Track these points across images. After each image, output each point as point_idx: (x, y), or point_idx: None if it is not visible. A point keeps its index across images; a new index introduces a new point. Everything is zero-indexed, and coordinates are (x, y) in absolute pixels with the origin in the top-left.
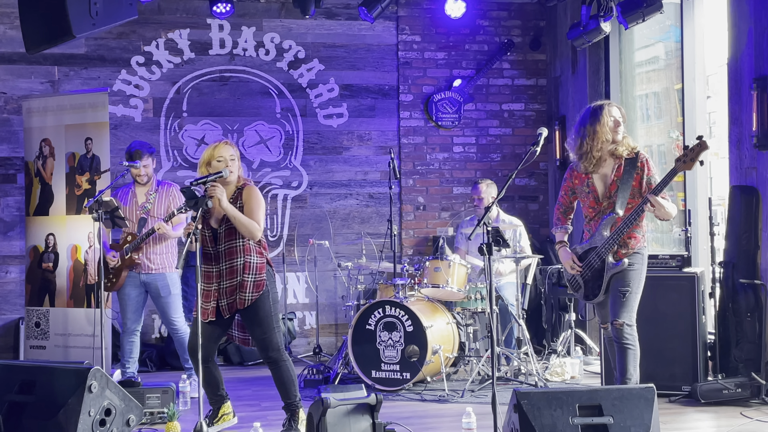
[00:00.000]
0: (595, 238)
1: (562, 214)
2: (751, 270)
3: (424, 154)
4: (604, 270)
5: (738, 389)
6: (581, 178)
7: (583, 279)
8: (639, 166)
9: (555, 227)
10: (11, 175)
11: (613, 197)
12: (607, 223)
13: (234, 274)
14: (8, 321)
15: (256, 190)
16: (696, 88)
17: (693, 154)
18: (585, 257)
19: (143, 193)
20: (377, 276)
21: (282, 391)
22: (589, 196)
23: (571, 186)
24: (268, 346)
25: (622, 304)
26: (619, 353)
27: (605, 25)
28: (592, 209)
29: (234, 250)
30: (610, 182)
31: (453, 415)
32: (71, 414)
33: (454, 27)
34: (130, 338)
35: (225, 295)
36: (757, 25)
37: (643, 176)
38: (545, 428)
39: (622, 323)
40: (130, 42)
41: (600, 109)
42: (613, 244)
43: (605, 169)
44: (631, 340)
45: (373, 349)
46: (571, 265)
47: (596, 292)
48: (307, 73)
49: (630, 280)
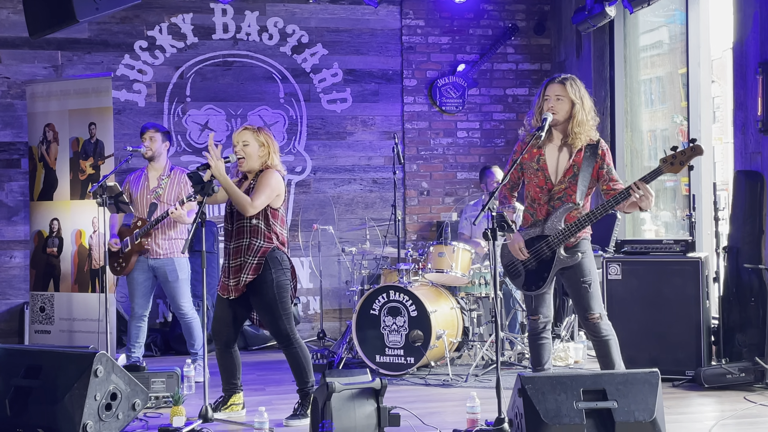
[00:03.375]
0: (546, 226)
1: (509, 191)
2: (756, 255)
3: (428, 139)
4: (552, 261)
5: (741, 374)
6: (532, 153)
7: (525, 268)
8: (600, 154)
9: (502, 205)
10: (15, 160)
11: (568, 183)
12: (563, 213)
13: (239, 253)
14: (13, 306)
15: (271, 175)
16: (701, 73)
17: (683, 158)
18: (531, 245)
19: (155, 177)
20: (381, 261)
21: (295, 375)
22: (538, 174)
23: (520, 160)
24: (276, 332)
25: (591, 296)
26: (602, 347)
27: (610, 9)
28: (540, 190)
29: (242, 230)
30: (568, 167)
31: (457, 400)
32: (77, 398)
33: (458, 11)
34: (137, 323)
35: (231, 274)
36: (762, 9)
37: (603, 165)
38: (549, 412)
39: (598, 315)
40: (133, 27)
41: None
42: (570, 236)
43: (560, 150)
44: (609, 330)
45: (377, 334)
46: (519, 249)
47: (539, 284)
48: (311, 58)
49: (589, 269)
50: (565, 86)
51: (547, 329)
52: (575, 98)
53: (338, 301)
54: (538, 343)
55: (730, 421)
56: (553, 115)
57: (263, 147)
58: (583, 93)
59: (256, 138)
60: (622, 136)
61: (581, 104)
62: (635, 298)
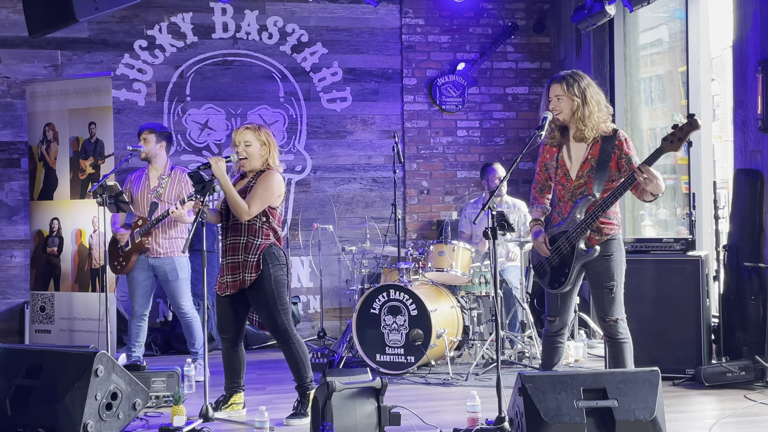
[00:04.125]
0: (567, 222)
1: (539, 192)
2: (756, 253)
3: (428, 138)
4: (572, 257)
5: (742, 372)
6: (551, 152)
7: (550, 265)
8: (617, 144)
9: (531, 206)
10: (15, 159)
11: (587, 177)
12: (582, 206)
13: (236, 251)
14: (13, 305)
15: (273, 178)
16: (700, 71)
17: (682, 134)
18: (554, 241)
19: (156, 176)
20: (381, 260)
21: (293, 371)
22: (558, 172)
23: (543, 161)
24: (274, 328)
25: (612, 300)
26: (615, 349)
27: (610, 7)
28: (563, 187)
29: (237, 228)
30: (584, 160)
31: (457, 399)
32: (77, 398)
33: (457, 10)
34: (138, 322)
35: (227, 271)
36: (762, 7)
37: (621, 156)
38: (550, 411)
39: (616, 320)
40: (133, 26)
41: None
42: (586, 228)
43: (575, 145)
44: (626, 334)
45: (378, 333)
46: (542, 246)
47: (562, 281)
48: (311, 57)
49: (613, 273)
50: (561, 85)
51: (562, 333)
52: (574, 95)
53: (338, 300)
54: (552, 346)
55: (731, 419)
56: (556, 114)
57: (264, 146)
58: (585, 87)
59: (257, 137)
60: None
61: (582, 100)
62: (635, 296)
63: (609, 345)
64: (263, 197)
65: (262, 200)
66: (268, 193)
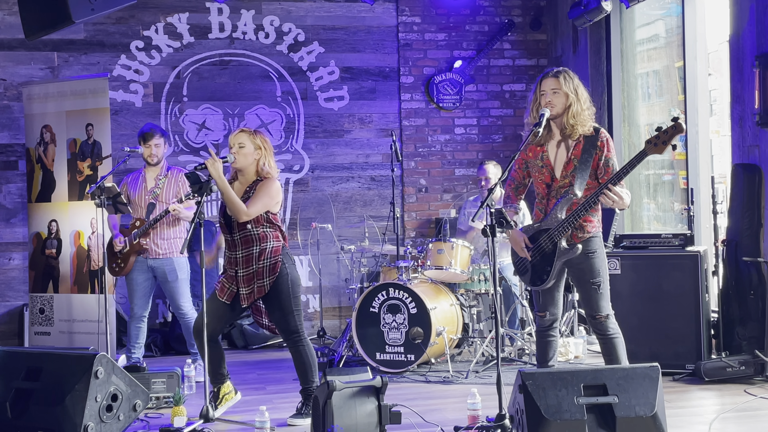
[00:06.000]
0: (549, 220)
1: (513, 191)
2: (754, 248)
3: (426, 136)
4: (554, 254)
5: (741, 367)
6: (535, 150)
7: (531, 263)
8: (599, 145)
9: (505, 205)
10: (12, 161)
11: (570, 176)
12: (563, 204)
13: (250, 262)
14: (12, 307)
15: (272, 185)
16: (697, 66)
17: (666, 137)
18: (536, 239)
19: (153, 177)
20: (380, 259)
21: (299, 374)
22: (542, 171)
23: (525, 158)
24: (285, 329)
25: (600, 297)
26: (608, 346)
27: (606, 3)
28: (546, 186)
29: (249, 239)
30: (567, 160)
31: (458, 396)
32: (78, 400)
33: (454, 7)
34: (137, 324)
35: (243, 284)
36: (759, 1)
37: (602, 157)
38: (550, 408)
39: (606, 315)
40: (129, 27)
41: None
42: (568, 227)
43: (559, 145)
44: (616, 329)
45: (377, 332)
46: (522, 246)
47: (543, 278)
48: (307, 56)
49: (599, 270)
50: (559, 79)
51: (554, 327)
52: (570, 91)
53: (338, 299)
54: (545, 340)
55: (731, 414)
56: (551, 109)
57: (259, 150)
58: (577, 84)
59: (252, 140)
60: (619, 131)
61: (576, 96)
62: (634, 292)
63: (601, 342)
64: (264, 201)
65: (263, 204)
66: (268, 198)
